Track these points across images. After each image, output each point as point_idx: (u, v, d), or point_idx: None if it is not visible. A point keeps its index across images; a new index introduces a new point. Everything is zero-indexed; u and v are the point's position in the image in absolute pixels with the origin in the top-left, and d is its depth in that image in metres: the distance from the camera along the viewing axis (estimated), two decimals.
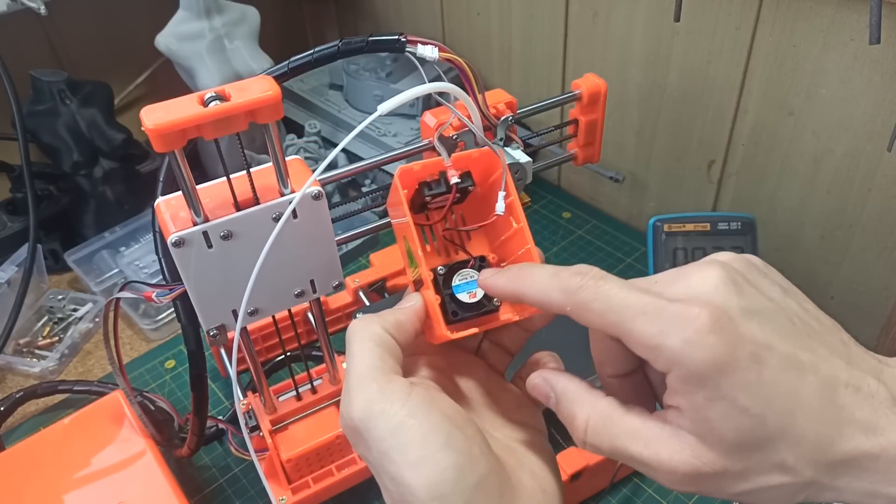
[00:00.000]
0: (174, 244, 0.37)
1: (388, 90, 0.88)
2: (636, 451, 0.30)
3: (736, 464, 0.28)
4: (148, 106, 0.33)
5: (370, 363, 0.31)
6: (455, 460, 0.28)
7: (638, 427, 0.30)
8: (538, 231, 0.83)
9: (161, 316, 0.74)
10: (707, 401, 0.27)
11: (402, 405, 0.29)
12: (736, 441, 0.27)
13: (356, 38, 0.40)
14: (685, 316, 0.27)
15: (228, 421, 0.58)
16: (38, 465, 0.54)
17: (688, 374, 0.27)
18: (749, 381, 0.27)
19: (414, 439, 0.29)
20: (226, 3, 0.81)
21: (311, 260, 0.42)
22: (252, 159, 0.82)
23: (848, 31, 0.56)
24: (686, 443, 0.28)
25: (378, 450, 0.29)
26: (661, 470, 0.29)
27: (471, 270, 0.37)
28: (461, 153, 0.37)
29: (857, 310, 0.67)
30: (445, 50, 0.39)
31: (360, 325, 0.33)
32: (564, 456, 0.52)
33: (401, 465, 0.28)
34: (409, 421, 0.29)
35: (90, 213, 0.83)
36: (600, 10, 0.74)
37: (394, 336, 0.33)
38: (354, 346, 0.32)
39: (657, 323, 0.27)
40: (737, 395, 0.27)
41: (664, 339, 0.27)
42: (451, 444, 0.29)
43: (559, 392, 0.33)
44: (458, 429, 0.30)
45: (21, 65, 0.76)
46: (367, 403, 0.30)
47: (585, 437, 0.31)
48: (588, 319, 0.30)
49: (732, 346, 0.27)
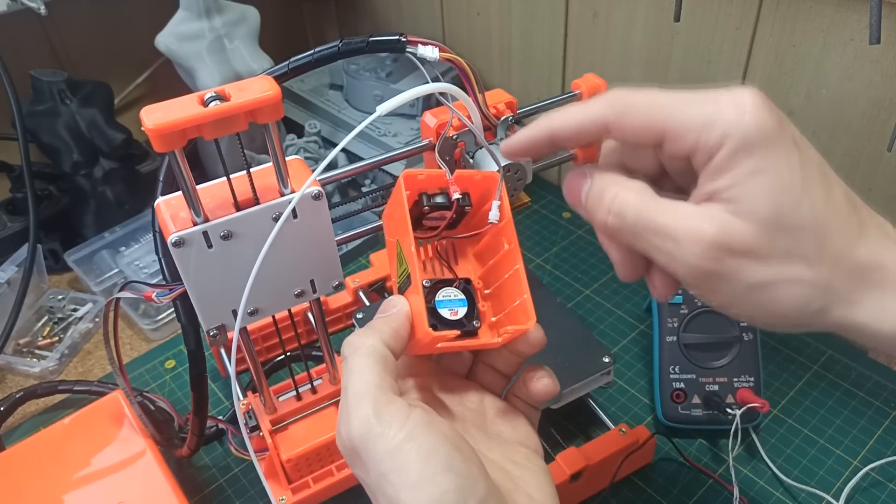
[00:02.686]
0: (174, 244, 0.37)
1: (388, 90, 0.88)
2: (663, 221, 0.30)
3: (764, 242, 0.28)
4: (148, 106, 0.33)
5: (369, 381, 0.31)
6: (455, 482, 0.28)
7: (668, 202, 0.31)
8: (538, 231, 0.83)
9: (161, 316, 0.74)
10: (752, 173, 0.28)
11: (400, 426, 0.29)
12: (771, 217, 0.28)
13: (356, 39, 0.40)
14: (737, 96, 0.29)
15: (228, 421, 0.58)
16: (38, 465, 0.54)
17: (741, 143, 0.28)
18: (793, 160, 0.29)
19: (414, 461, 0.28)
20: (226, 3, 0.81)
21: (311, 260, 0.42)
22: (252, 159, 0.82)
23: (848, 31, 0.56)
24: (718, 215, 0.29)
25: (376, 471, 0.29)
26: (686, 239, 0.29)
27: (455, 290, 0.37)
28: (464, 172, 0.37)
29: None
30: (446, 50, 0.39)
31: (356, 340, 0.33)
32: (564, 456, 0.52)
33: (399, 487, 0.28)
34: (409, 444, 0.29)
35: (90, 213, 0.83)
36: (600, 10, 0.74)
37: (390, 347, 0.33)
38: (352, 362, 0.32)
39: (710, 104, 0.29)
40: (782, 171, 0.28)
41: (719, 115, 0.29)
42: (452, 466, 0.28)
43: (595, 176, 0.33)
44: (458, 450, 0.29)
45: (21, 65, 0.76)
46: (366, 425, 0.29)
47: (612, 205, 0.31)
48: (631, 124, 0.31)
49: (780, 124, 0.29)
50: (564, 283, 0.76)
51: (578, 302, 0.74)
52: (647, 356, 0.67)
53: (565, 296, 0.74)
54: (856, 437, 0.59)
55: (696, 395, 0.58)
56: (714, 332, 0.59)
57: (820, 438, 0.59)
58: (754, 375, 0.58)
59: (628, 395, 0.64)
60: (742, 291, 0.29)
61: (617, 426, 0.55)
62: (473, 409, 0.37)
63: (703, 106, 0.29)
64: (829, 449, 0.58)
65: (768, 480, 0.57)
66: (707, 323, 0.59)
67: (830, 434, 0.59)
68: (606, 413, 0.59)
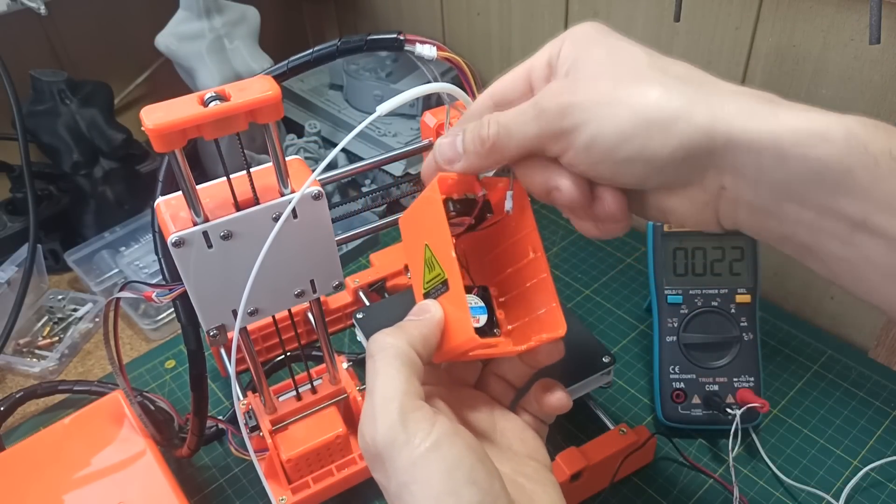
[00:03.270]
0: (174, 244, 0.37)
1: (388, 90, 0.88)
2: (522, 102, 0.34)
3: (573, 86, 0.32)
4: (148, 106, 0.33)
5: (396, 386, 0.30)
6: (478, 497, 0.28)
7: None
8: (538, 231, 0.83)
9: (161, 316, 0.74)
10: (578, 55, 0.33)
11: (426, 435, 0.29)
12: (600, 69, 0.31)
13: (355, 37, 0.40)
14: None
15: (228, 421, 0.58)
16: (38, 465, 0.54)
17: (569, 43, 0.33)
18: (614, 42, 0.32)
19: (438, 472, 0.28)
20: (226, 3, 0.81)
21: (311, 260, 0.42)
22: (252, 159, 0.82)
23: (848, 31, 0.56)
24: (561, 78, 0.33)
25: (398, 481, 0.28)
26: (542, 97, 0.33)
27: (475, 297, 0.36)
28: (490, 177, 0.37)
29: (857, 310, 0.67)
30: (444, 49, 0.39)
31: (386, 340, 0.32)
32: (564, 456, 0.52)
33: (421, 499, 0.28)
34: (433, 453, 0.28)
35: (90, 213, 0.83)
36: (600, 10, 0.74)
37: (418, 352, 0.32)
38: (379, 363, 0.31)
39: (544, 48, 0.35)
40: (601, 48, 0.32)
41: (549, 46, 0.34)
42: (475, 480, 0.28)
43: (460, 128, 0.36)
44: (481, 462, 0.29)
45: (21, 65, 0.76)
46: (392, 431, 0.29)
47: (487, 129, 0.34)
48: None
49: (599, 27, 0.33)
50: (564, 283, 0.76)
51: (578, 302, 0.74)
52: (647, 356, 0.67)
53: (565, 296, 0.74)
54: (856, 437, 0.59)
55: (696, 395, 0.58)
56: (714, 332, 0.59)
57: (820, 438, 0.59)
58: (754, 375, 0.58)
59: (628, 395, 0.64)
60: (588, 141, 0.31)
61: (617, 426, 0.55)
62: (484, 420, 0.37)
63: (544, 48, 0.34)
64: (829, 449, 0.58)
65: (768, 480, 0.57)
66: (707, 323, 0.59)
67: (830, 434, 0.59)
68: (606, 413, 0.59)
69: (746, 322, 0.59)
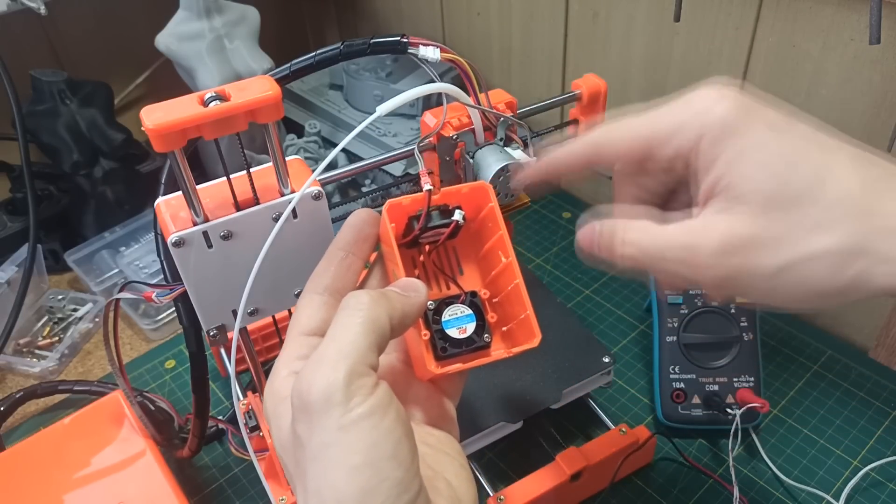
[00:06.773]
0: (174, 244, 0.37)
1: (389, 90, 0.88)
2: (671, 234, 0.31)
3: (765, 225, 0.29)
4: (148, 106, 0.33)
5: (357, 348, 0.29)
6: (398, 474, 0.27)
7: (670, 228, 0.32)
8: (538, 231, 0.83)
9: (161, 316, 0.74)
10: (730, 163, 0.29)
11: (363, 400, 0.27)
12: (764, 200, 0.29)
13: (358, 41, 0.39)
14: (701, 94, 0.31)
15: (228, 421, 0.58)
16: (38, 465, 0.54)
17: (717, 135, 0.30)
18: (765, 140, 0.29)
19: (363, 441, 0.27)
20: (226, 3, 0.81)
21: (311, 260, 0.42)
22: (252, 159, 0.82)
23: (848, 31, 0.56)
24: (714, 220, 0.30)
25: (322, 440, 0.27)
26: (697, 246, 0.30)
27: (462, 306, 0.36)
28: (451, 188, 0.36)
29: (857, 309, 0.67)
30: (447, 51, 0.39)
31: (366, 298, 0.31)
32: (564, 456, 0.52)
33: (339, 464, 0.27)
34: (365, 421, 0.27)
35: (90, 213, 0.83)
36: (600, 10, 0.74)
37: (393, 326, 0.31)
38: (350, 319, 0.30)
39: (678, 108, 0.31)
40: (756, 153, 0.29)
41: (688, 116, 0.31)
42: (397, 455, 0.27)
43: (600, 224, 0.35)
44: (407, 438, 0.28)
45: (21, 65, 0.76)
46: (332, 387, 0.27)
47: (622, 248, 0.33)
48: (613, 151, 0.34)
49: (744, 110, 0.30)
50: (564, 283, 0.76)
51: (578, 302, 0.74)
52: (647, 356, 0.67)
53: (565, 296, 0.74)
54: (856, 437, 0.59)
55: (696, 395, 0.59)
56: (714, 332, 0.59)
57: (820, 438, 0.59)
58: (754, 375, 0.58)
59: (628, 395, 0.64)
60: (767, 282, 0.29)
61: (617, 426, 0.55)
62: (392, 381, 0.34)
63: (673, 111, 0.31)
64: (829, 449, 0.58)
65: (768, 480, 0.57)
66: (707, 323, 0.59)
67: (830, 434, 0.59)
68: (606, 413, 0.59)
69: (746, 322, 0.59)
